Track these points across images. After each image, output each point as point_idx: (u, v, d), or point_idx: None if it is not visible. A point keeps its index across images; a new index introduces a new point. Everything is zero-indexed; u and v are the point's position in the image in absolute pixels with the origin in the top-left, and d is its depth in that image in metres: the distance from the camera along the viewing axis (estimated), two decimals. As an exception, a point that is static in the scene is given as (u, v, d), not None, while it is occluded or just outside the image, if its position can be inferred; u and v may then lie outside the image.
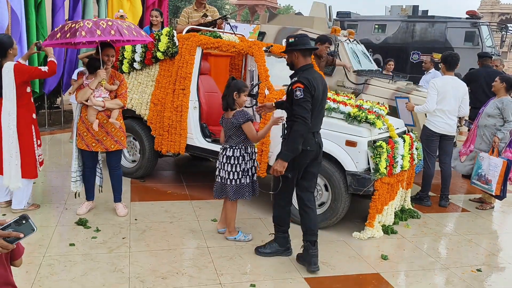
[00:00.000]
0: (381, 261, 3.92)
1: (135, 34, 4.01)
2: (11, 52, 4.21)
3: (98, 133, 4.27)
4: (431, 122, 5.34)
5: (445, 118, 5.27)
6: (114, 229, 4.16)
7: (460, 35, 12.41)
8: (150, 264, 3.57)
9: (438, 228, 4.81)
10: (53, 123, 8.70)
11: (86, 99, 4.18)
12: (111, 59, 4.27)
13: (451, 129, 5.34)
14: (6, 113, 4.18)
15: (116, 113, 4.32)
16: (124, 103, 4.35)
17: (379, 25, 14.02)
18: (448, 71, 5.36)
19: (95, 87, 4.16)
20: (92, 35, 3.75)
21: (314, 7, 7.79)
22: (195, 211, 4.74)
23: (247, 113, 3.90)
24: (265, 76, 4.70)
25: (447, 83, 5.26)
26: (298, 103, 3.44)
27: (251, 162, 4.01)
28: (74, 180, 4.46)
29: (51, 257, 3.56)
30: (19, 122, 4.23)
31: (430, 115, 5.35)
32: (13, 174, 4.25)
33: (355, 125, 4.33)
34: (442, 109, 5.24)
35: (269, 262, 3.75)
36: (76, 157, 4.42)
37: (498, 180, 5.16)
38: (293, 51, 3.61)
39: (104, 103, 4.21)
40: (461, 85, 5.35)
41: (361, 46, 8.21)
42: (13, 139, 4.21)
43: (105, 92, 4.24)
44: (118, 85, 4.32)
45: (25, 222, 1.73)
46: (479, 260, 4.09)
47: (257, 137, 3.94)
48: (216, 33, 5.31)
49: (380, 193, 4.27)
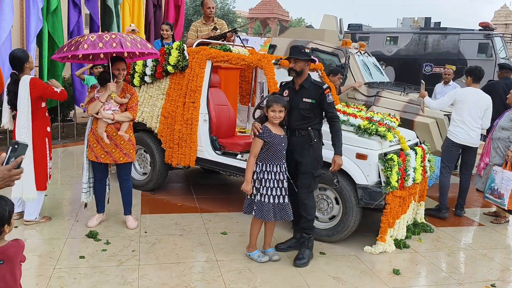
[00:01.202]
0: (393, 276, 3.85)
1: (139, 46, 4.03)
2: (27, 66, 4.33)
3: (107, 145, 4.30)
4: (452, 133, 5.40)
5: (466, 129, 5.31)
6: (124, 241, 4.17)
7: (473, 47, 12.30)
8: (159, 277, 3.56)
9: (452, 242, 4.73)
10: (66, 136, 8.80)
11: (97, 112, 4.22)
12: (122, 73, 4.30)
13: (472, 141, 5.36)
14: (20, 125, 4.25)
15: (126, 126, 4.35)
16: (133, 116, 4.38)
17: (391, 37, 13.98)
18: (473, 83, 5.48)
19: (105, 100, 4.20)
20: (94, 48, 3.80)
21: (325, 20, 7.81)
22: (205, 224, 4.73)
23: (263, 129, 3.81)
24: (274, 88, 4.70)
25: (469, 94, 5.36)
26: (333, 105, 3.93)
27: (275, 182, 3.81)
28: (85, 191, 4.50)
29: (61, 270, 3.57)
30: (34, 134, 4.30)
31: (451, 125, 5.43)
32: (26, 186, 4.29)
33: (365, 137, 4.30)
34: (462, 120, 5.30)
35: (279, 276, 3.71)
36: (87, 169, 4.46)
37: (510, 194, 5.07)
38: (307, 61, 3.89)
39: (113, 116, 4.24)
40: (484, 98, 5.41)
41: (372, 58, 8.18)
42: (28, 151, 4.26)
43: (115, 105, 4.27)
44: (129, 98, 4.35)
45: (18, 145, 1.82)
46: (494, 275, 4.00)
47: (250, 156, 3.87)
48: (226, 46, 5.35)
49: (391, 207, 4.21)
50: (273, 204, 3.81)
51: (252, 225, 3.97)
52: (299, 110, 3.91)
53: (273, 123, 3.82)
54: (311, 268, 3.89)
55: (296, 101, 3.93)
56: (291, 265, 3.91)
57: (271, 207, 3.80)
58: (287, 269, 3.84)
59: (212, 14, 6.55)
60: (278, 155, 3.82)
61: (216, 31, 6.22)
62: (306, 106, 3.90)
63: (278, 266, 3.88)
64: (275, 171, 3.81)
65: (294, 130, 3.95)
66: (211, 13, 6.52)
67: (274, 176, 3.81)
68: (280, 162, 3.83)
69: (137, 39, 4.12)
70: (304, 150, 3.92)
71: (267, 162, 3.81)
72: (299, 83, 3.97)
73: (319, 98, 3.87)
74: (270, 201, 3.80)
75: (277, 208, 3.82)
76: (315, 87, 3.93)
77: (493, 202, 5.36)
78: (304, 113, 3.90)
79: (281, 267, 3.88)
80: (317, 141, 3.94)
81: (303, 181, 3.97)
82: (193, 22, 6.68)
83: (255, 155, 3.83)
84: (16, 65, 4.31)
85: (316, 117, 3.95)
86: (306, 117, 3.91)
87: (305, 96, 3.91)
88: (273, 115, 3.78)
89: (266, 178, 3.80)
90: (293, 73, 3.93)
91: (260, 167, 3.82)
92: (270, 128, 3.81)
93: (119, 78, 4.30)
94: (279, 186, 3.82)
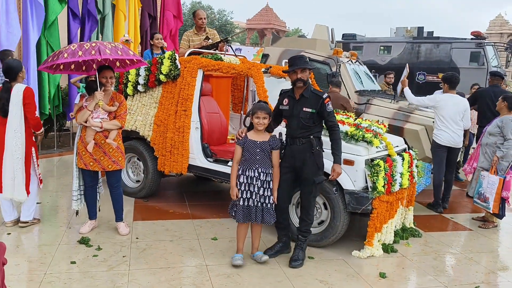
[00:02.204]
0: (379, 280, 3.91)
1: (120, 53, 4.08)
2: (20, 75, 4.47)
3: (95, 153, 4.35)
4: (437, 136, 5.87)
5: (449, 131, 5.78)
6: (115, 247, 4.23)
7: (465, 56, 12.48)
8: (148, 281, 3.61)
9: (439, 246, 4.79)
10: (62, 145, 8.88)
11: (85, 120, 4.28)
12: (110, 81, 4.34)
13: (455, 142, 5.83)
14: (12, 130, 4.35)
15: (114, 133, 4.40)
16: (122, 124, 4.43)
17: (384, 46, 14.17)
18: (450, 90, 5.95)
19: (92, 108, 4.26)
20: (73, 56, 3.88)
21: (316, 30, 7.94)
22: (196, 230, 4.79)
23: (242, 136, 3.97)
24: (264, 96, 4.80)
25: (448, 99, 5.84)
26: (333, 114, 4.03)
27: (246, 185, 3.91)
28: (76, 199, 4.56)
29: (52, 275, 3.62)
30: (26, 139, 4.42)
31: (436, 129, 5.89)
32: (17, 188, 4.40)
33: (352, 143, 4.38)
34: (445, 124, 5.79)
35: (266, 280, 3.77)
36: (77, 176, 4.52)
37: (494, 198, 5.19)
38: (310, 70, 4.09)
39: (101, 124, 4.30)
40: (462, 101, 5.90)
41: (364, 67, 8.30)
42: (19, 154, 4.38)
43: (103, 113, 4.32)
44: (118, 106, 4.41)
45: None
46: (479, 278, 4.07)
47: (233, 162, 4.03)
48: (217, 55, 5.45)
49: (378, 212, 4.28)
50: (242, 206, 3.93)
51: (236, 228, 4.10)
52: (299, 119, 4.00)
53: (258, 130, 3.93)
54: (298, 272, 3.96)
55: (296, 110, 4.01)
56: (279, 269, 3.97)
57: (240, 209, 3.93)
58: (275, 273, 3.90)
59: (203, 24, 6.67)
60: (251, 160, 3.92)
61: (208, 40, 6.34)
62: (306, 115, 3.98)
63: (266, 271, 3.94)
64: (247, 174, 3.91)
65: (295, 139, 4.03)
66: (203, 23, 6.65)
67: (246, 180, 3.92)
68: (253, 166, 3.91)
69: (119, 46, 4.16)
70: (305, 158, 4.01)
71: (242, 166, 3.96)
72: (300, 92, 4.03)
73: (320, 107, 3.96)
74: (240, 203, 3.93)
75: (246, 210, 3.93)
76: (315, 97, 4.00)
77: (481, 207, 5.47)
78: (304, 122, 3.98)
79: (269, 271, 3.94)
80: (319, 149, 4.03)
81: (305, 188, 4.07)
82: (184, 32, 6.80)
83: (237, 161, 3.97)
84: (10, 74, 4.41)
85: (316, 125, 4.04)
86: (306, 126, 3.99)
87: (305, 105, 3.98)
88: (257, 121, 3.90)
89: (240, 181, 3.94)
90: (301, 83, 3.98)
91: (238, 171, 3.96)
92: (250, 135, 3.96)
93: (107, 86, 4.34)
94: (249, 189, 3.91)
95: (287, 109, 4.08)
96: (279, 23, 43.50)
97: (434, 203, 6.05)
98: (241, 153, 3.95)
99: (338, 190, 4.25)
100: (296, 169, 4.07)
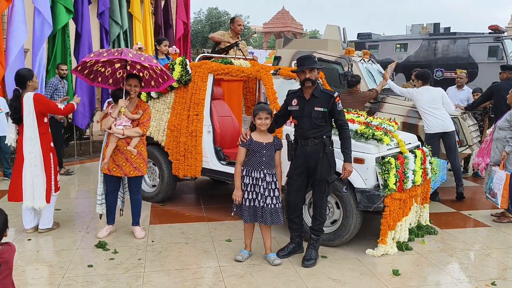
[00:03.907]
0: (392, 277, 3.90)
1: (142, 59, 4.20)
2: (30, 84, 4.59)
3: (118, 159, 4.48)
4: (426, 126, 6.18)
5: (433, 118, 6.12)
6: (131, 251, 4.32)
7: (483, 50, 12.27)
8: (163, 283, 3.69)
9: (456, 243, 4.74)
10: (83, 153, 9.09)
11: (109, 127, 4.41)
12: (134, 89, 4.44)
13: (445, 126, 6.12)
14: (28, 138, 4.48)
15: (136, 141, 4.50)
16: (144, 132, 4.53)
17: (400, 44, 14.03)
18: (423, 84, 6.36)
19: (116, 115, 4.39)
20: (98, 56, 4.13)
21: (328, 30, 7.94)
22: (210, 232, 4.85)
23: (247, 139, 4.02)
24: (273, 98, 4.84)
25: (423, 91, 6.29)
26: (343, 113, 4.07)
27: (252, 186, 3.97)
28: (100, 203, 4.69)
29: (70, 278, 3.73)
30: (43, 147, 4.55)
31: (423, 118, 6.23)
32: (36, 195, 4.53)
33: (362, 142, 4.38)
34: (426, 112, 6.18)
35: (279, 279, 3.80)
36: (101, 181, 4.66)
37: (502, 193, 5.12)
38: (319, 69, 4.11)
39: (123, 131, 4.42)
40: (435, 90, 6.30)
41: (377, 65, 8.25)
42: (37, 162, 4.51)
43: (126, 120, 4.45)
44: (141, 114, 4.52)
45: None
46: (495, 274, 4.00)
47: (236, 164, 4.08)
48: (227, 59, 5.52)
49: (391, 209, 4.27)
50: (248, 207, 3.99)
51: (243, 226, 4.20)
52: (311, 119, 4.01)
53: (261, 130, 3.99)
54: (311, 271, 3.97)
55: (307, 110, 4.03)
56: (292, 269, 4.00)
57: (246, 209, 3.99)
58: (287, 273, 3.92)
59: (241, 31, 6.72)
60: (257, 161, 3.98)
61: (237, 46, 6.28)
62: (318, 115, 4.00)
63: (279, 271, 3.97)
64: (253, 176, 3.97)
65: (308, 139, 4.04)
66: (241, 30, 6.70)
67: (252, 181, 3.98)
68: (259, 168, 3.97)
69: (144, 55, 4.32)
70: (319, 158, 4.03)
71: (247, 167, 4.01)
72: (310, 92, 4.04)
73: (331, 106, 3.98)
74: (246, 204, 3.99)
75: (252, 210, 3.99)
76: (326, 96, 4.02)
77: (492, 202, 5.42)
78: (317, 121, 4.00)
79: (282, 271, 3.97)
80: (331, 148, 4.06)
81: (318, 187, 4.09)
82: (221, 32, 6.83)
83: (240, 162, 4.04)
84: (20, 82, 4.56)
85: (327, 125, 4.07)
86: (319, 125, 4.01)
87: (316, 105, 4.00)
88: (259, 122, 3.96)
89: (245, 182, 3.99)
90: (310, 82, 3.99)
91: (242, 172, 4.02)
92: (254, 136, 4.01)
93: (132, 94, 4.45)
94: (255, 190, 3.98)
95: (297, 110, 4.09)
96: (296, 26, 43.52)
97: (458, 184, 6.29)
98: (244, 154, 4.01)
99: (349, 188, 4.25)
100: (309, 170, 4.09)
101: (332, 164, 4.07)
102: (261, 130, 3.99)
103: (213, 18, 37.60)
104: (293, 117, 4.17)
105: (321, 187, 4.07)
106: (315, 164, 4.05)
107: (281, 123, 4.34)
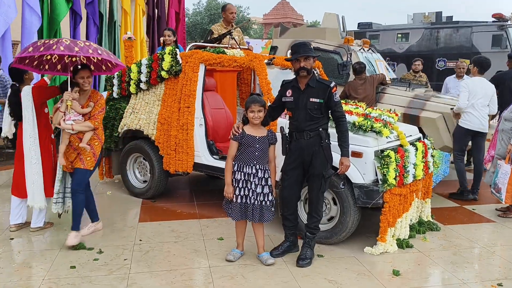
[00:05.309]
0: (392, 277, 3.68)
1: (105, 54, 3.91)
2: (27, 76, 4.42)
3: (71, 155, 4.16)
4: (464, 121, 5.70)
5: (478, 115, 5.63)
6: (117, 250, 4.11)
7: (487, 39, 11.97)
8: (148, 285, 3.48)
9: (459, 240, 4.51)
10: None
11: (58, 122, 4.08)
12: (88, 81, 4.09)
13: (483, 126, 5.69)
14: (28, 135, 4.27)
15: (88, 136, 4.13)
16: (95, 125, 4.14)
17: (402, 34, 13.74)
18: (479, 73, 5.80)
19: (64, 110, 4.03)
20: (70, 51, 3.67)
21: (326, 18, 7.66)
22: (202, 230, 4.64)
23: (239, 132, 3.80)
24: (267, 89, 4.60)
25: (477, 83, 5.68)
26: (340, 104, 3.81)
27: (244, 182, 3.75)
28: (55, 202, 4.37)
29: (50, 280, 3.52)
30: (41, 143, 4.33)
31: (464, 114, 5.70)
32: (36, 194, 4.32)
33: (360, 134, 4.15)
34: (474, 107, 5.63)
35: (272, 280, 3.59)
36: (59, 179, 4.34)
37: (507, 189, 4.88)
38: (315, 58, 3.87)
39: (72, 126, 4.06)
40: (489, 86, 5.78)
41: (377, 54, 7.99)
42: (36, 159, 4.29)
43: (75, 114, 4.09)
44: (93, 106, 4.16)
45: None
46: (501, 274, 3.78)
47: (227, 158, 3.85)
48: (219, 48, 5.28)
49: (390, 205, 4.04)
50: (239, 204, 3.76)
51: (235, 225, 3.99)
52: (306, 110, 3.76)
53: (254, 124, 3.75)
54: (306, 271, 3.76)
55: (302, 101, 3.78)
56: (286, 269, 3.78)
57: (237, 206, 3.76)
58: (281, 273, 3.71)
59: (234, 19, 6.42)
60: (250, 156, 3.74)
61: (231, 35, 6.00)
62: (314, 106, 3.75)
63: (272, 271, 3.75)
64: (245, 171, 3.74)
65: (303, 132, 3.79)
66: (233, 18, 6.40)
67: (243, 177, 3.74)
68: (251, 163, 3.74)
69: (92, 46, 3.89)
70: (314, 152, 3.80)
71: (239, 162, 3.77)
72: (305, 82, 3.80)
73: (327, 97, 3.73)
74: (238, 201, 3.76)
75: (243, 207, 3.76)
76: (322, 86, 3.77)
77: (496, 197, 5.20)
78: (312, 113, 3.76)
79: (275, 271, 3.75)
80: (328, 142, 3.82)
81: (314, 183, 3.86)
82: (212, 26, 6.55)
83: (232, 157, 3.80)
84: (16, 77, 4.34)
85: (324, 117, 3.82)
86: (314, 117, 3.77)
87: (312, 96, 3.75)
88: (252, 115, 3.72)
89: (236, 178, 3.75)
90: (305, 72, 3.74)
91: (234, 167, 3.78)
92: (247, 129, 3.77)
93: (85, 87, 4.11)
94: (247, 186, 3.75)
95: (292, 101, 3.84)
96: (296, 16, 43.15)
97: (462, 191, 5.85)
98: (236, 148, 3.77)
99: (346, 184, 4.02)
100: (304, 164, 3.86)
101: (329, 158, 3.83)
102: (254, 124, 3.76)
103: (213, 10, 37.26)
104: (288, 108, 3.92)
105: (317, 182, 3.84)
106: (310, 159, 3.81)
107: (275, 116, 4.09)
